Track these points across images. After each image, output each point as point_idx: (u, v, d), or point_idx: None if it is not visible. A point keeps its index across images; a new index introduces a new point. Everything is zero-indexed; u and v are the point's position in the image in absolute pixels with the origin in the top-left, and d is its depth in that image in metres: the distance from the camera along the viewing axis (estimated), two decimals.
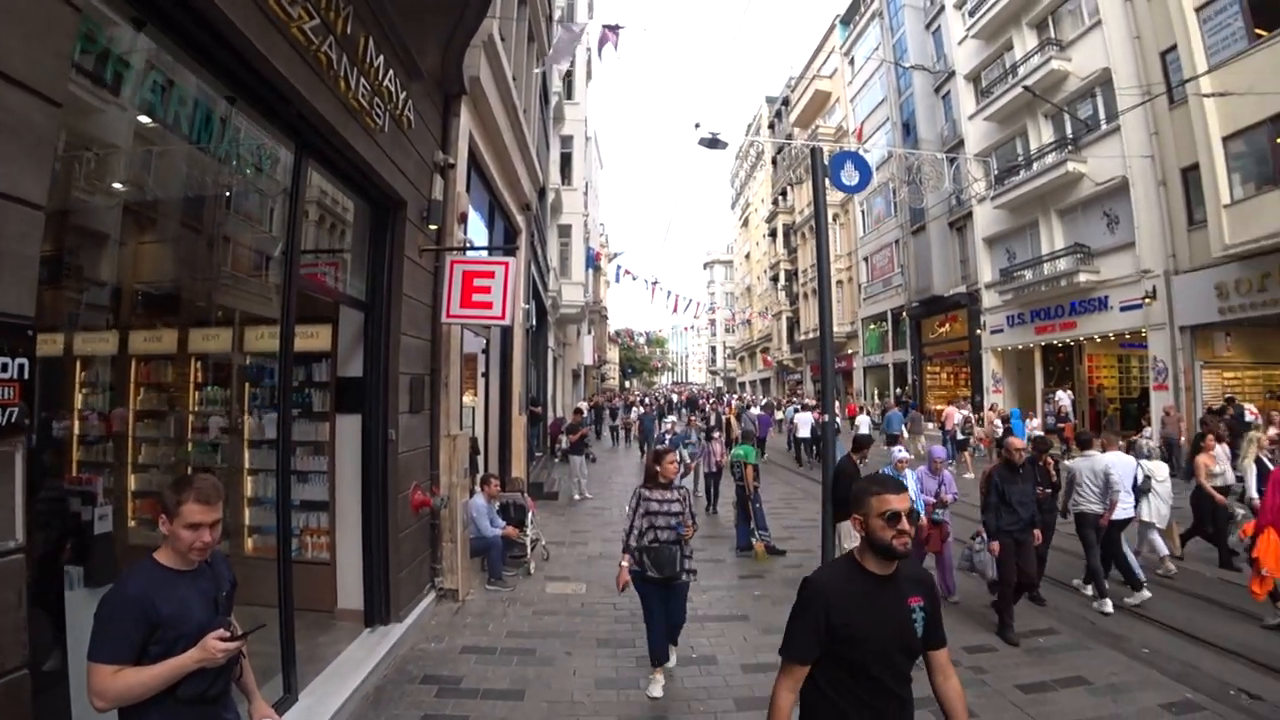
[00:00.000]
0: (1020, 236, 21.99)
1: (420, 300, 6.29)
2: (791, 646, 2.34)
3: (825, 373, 7.59)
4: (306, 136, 4.52)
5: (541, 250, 17.11)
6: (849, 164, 7.78)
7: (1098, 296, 18.57)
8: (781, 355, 47.55)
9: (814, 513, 10.76)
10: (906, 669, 2.34)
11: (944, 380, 29.12)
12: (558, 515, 11.68)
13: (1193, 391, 16.04)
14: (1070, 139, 19.26)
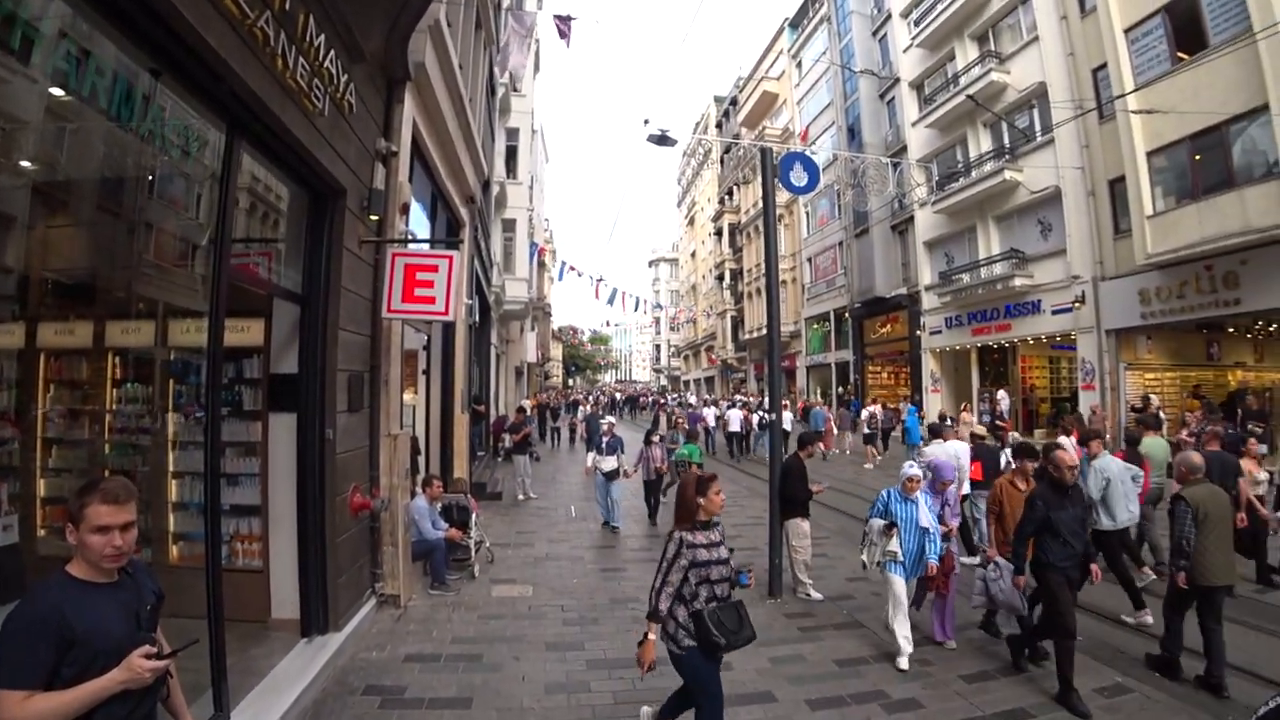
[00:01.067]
0: (959, 241, 22.74)
1: (359, 294, 6.09)
2: None
3: (772, 371, 7.67)
4: (239, 116, 4.28)
5: (485, 244, 16.86)
6: (798, 165, 7.89)
7: (1031, 300, 19.36)
8: (726, 354, 48.11)
9: (760, 510, 10.87)
10: None
11: (885, 379, 29.92)
12: (502, 516, 11.57)
13: (1117, 391, 16.90)
14: (1008, 148, 20.04)
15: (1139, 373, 17.40)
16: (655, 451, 11.05)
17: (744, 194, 42.65)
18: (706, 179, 57.81)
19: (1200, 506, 5.17)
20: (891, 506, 5.82)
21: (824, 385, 34.11)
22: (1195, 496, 5.22)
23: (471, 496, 8.91)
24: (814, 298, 34.13)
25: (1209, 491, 5.29)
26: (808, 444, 7.81)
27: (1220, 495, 5.33)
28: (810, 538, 7.46)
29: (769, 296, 7.54)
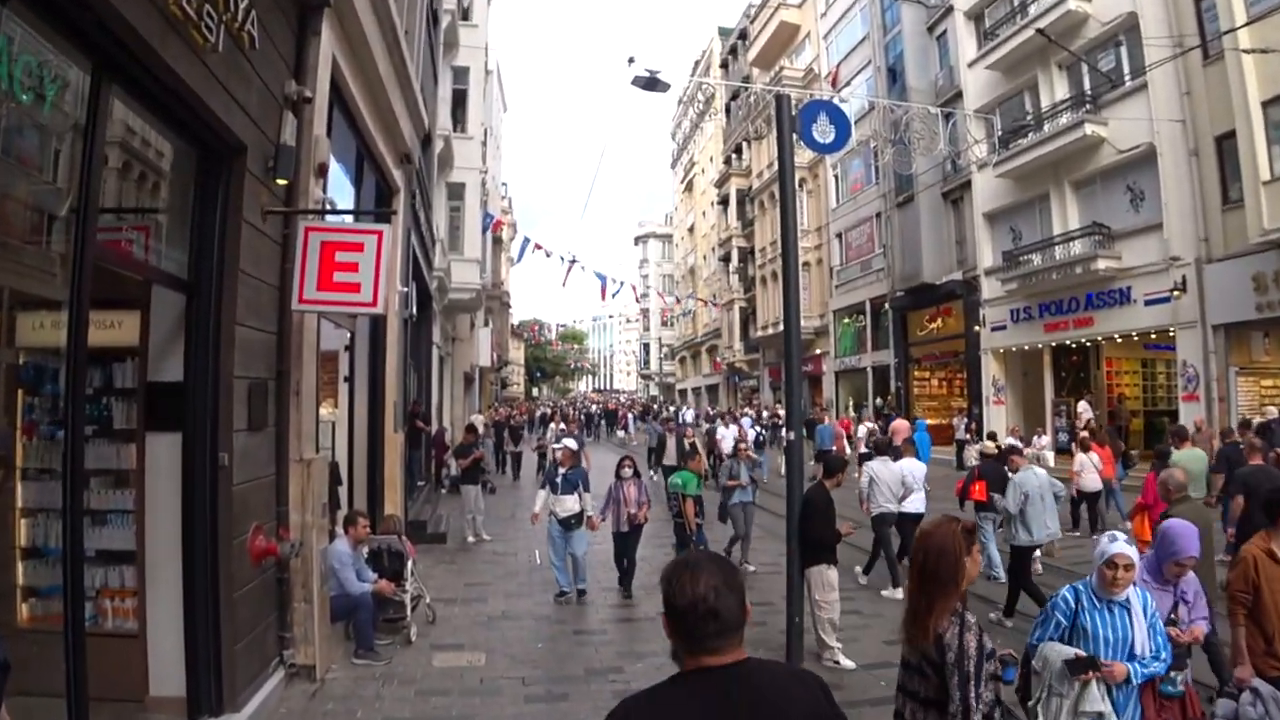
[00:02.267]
0: (1028, 212, 22.97)
1: (263, 280, 6.09)
2: None
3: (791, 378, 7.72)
4: (109, 53, 4.27)
5: (426, 216, 16.86)
6: (823, 116, 7.93)
7: (1119, 287, 19.62)
8: (733, 355, 48.32)
9: (774, 555, 10.91)
10: None
11: (934, 388, 30.18)
12: (446, 563, 11.59)
13: (1227, 402, 17.16)
14: (1089, 96, 20.30)
15: (1254, 379, 17.68)
16: (629, 490, 9.86)
17: (756, 152, 42.88)
18: (708, 133, 58.05)
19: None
20: (1084, 619, 3.98)
21: (857, 395, 34.33)
22: (1179, 517, 5.46)
23: (407, 539, 8.91)
24: (845, 284, 34.35)
25: (1193, 511, 5.96)
26: (834, 471, 7.85)
27: (1206, 515, 6.19)
28: (839, 590, 7.52)
29: (786, 282, 7.59)
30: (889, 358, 30.76)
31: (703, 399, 60.06)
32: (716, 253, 53.09)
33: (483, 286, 27.60)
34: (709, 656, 1.96)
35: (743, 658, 2.00)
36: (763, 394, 43.18)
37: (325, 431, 9.42)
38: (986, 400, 24.49)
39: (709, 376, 59.22)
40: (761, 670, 2.02)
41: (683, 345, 68.75)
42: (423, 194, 16.00)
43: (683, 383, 69.95)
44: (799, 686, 2.07)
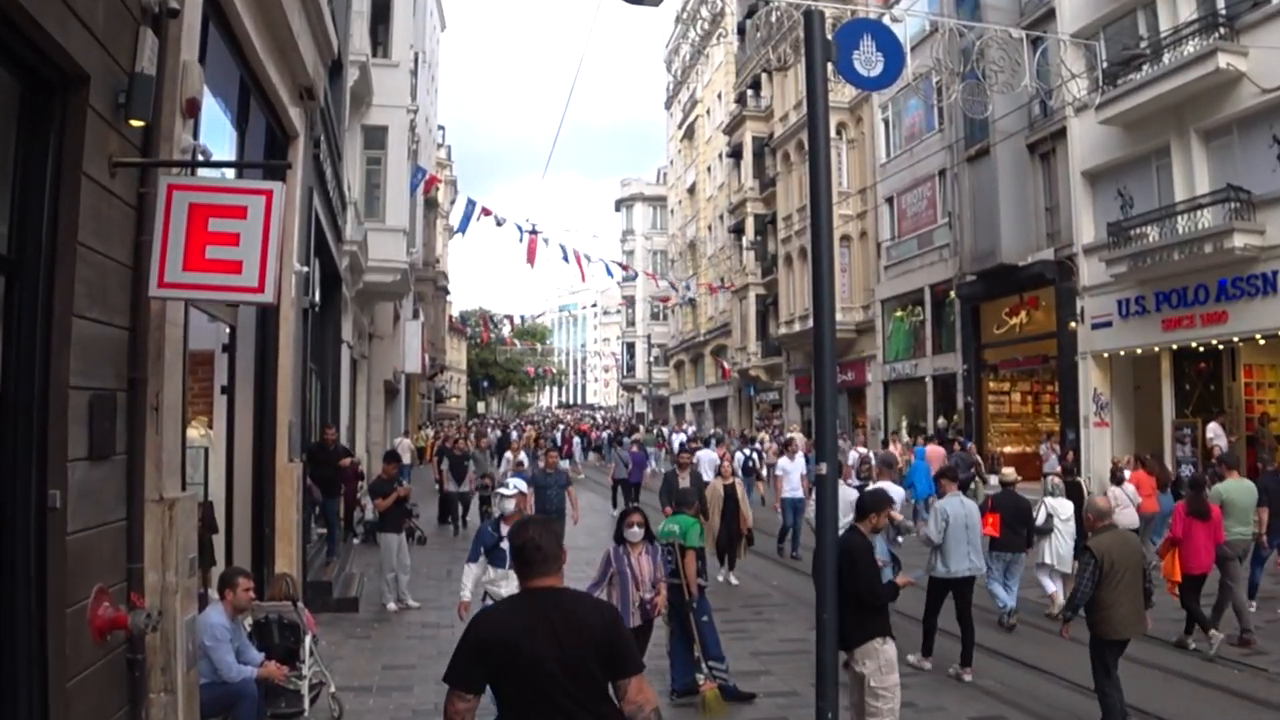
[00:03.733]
0: (1142, 171, 23.09)
1: (111, 256, 6.02)
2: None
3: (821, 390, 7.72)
4: None
5: (335, 171, 16.80)
6: (868, 40, 7.96)
7: (1262, 272, 19.74)
8: (747, 360, 48.47)
9: (801, 630, 10.91)
10: None
11: (1016, 404, 30.29)
12: (359, 639, 11.54)
13: None
14: (1222, 18, 20.40)
15: None
16: (640, 563, 8.93)
17: (780, 87, 43.04)
18: (716, 63, 58.22)
19: (1106, 556, 7.83)
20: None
21: (912, 414, 34.43)
22: (1100, 546, 7.92)
23: (304, 607, 8.85)
24: (897, 265, 34.49)
25: (1117, 540, 8.09)
26: (872, 510, 7.80)
27: (1131, 542, 8.30)
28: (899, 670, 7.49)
29: (817, 260, 7.59)
30: (955, 364, 30.93)
31: (706, 417, 60.16)
32: (726, 222, 53.24)
33: (411, 265, 27.51)
34: (536, 580, 4.11)
35: (560, 585, 4.17)
36: (787, 411, 43.29)
37: (195, 460, 9.35)
38: (1086, 421, 24.61)
39: (715, 388, 59.36)
40: (571, 593, 4.26)
41: (679, 346, 68.90)
42: (330, 141, 15.92)
43: (679, 395, 70.11)
44: (597, 613, 4.22)
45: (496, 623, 4.33)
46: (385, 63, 23.46)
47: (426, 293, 46.20)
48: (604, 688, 4.16)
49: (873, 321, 36.20)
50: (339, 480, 16.64)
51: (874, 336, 36.13)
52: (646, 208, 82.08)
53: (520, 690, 4.11)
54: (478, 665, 4.20)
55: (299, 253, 11.76)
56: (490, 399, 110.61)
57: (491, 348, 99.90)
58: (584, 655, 4.04)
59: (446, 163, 62.15)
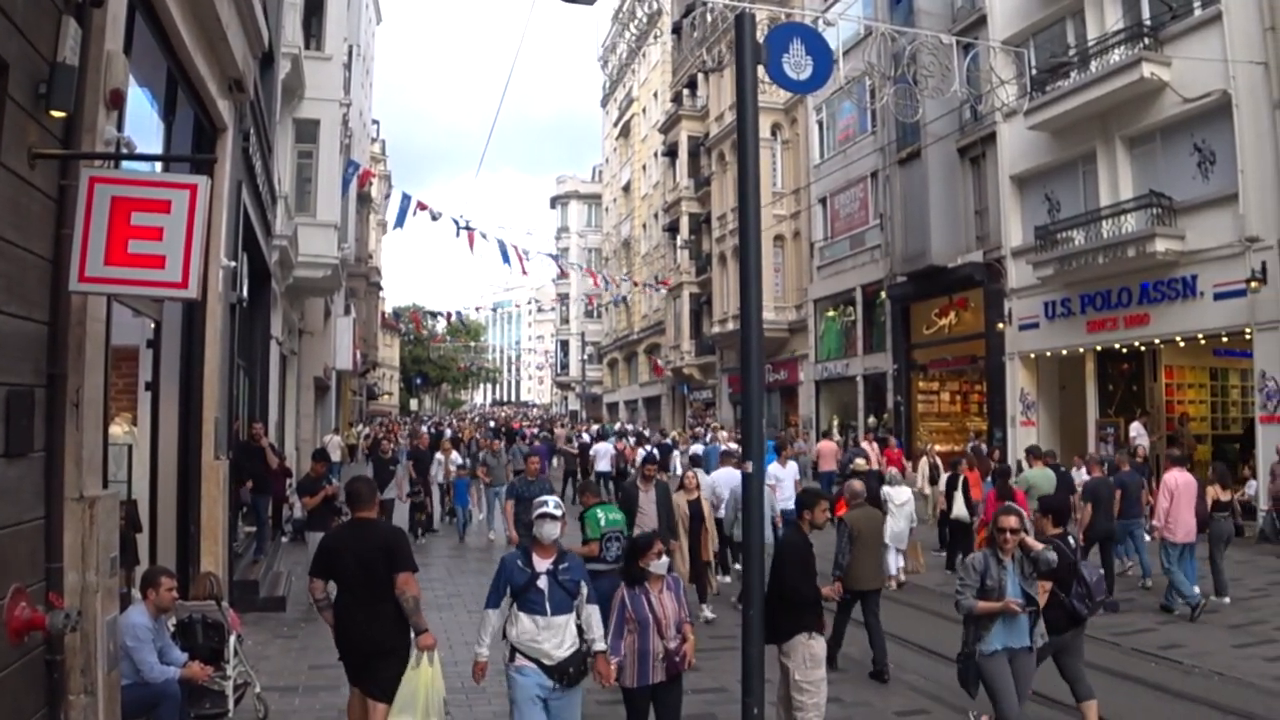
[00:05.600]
0: (1068, 176, 23.59)
1: (29, 249, 5.91)
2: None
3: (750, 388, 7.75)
4: None
5: (265, 165, 16.56)
6: (797, 44, 8.01)
7: (1182, 276, 20.23)
8: (681, 358, 48.61)
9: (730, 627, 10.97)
10: None
11: (945, 404, 30.71)
12: (285, 639, 11.40)
13: None
14: (1147, 28, 20.87)
15: None
16: (663, 602, 7.10)
17: (715, 88, 43.23)
18: (653, 61, 58.32)
19: (855, 526, 10.14)
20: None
21: (843, 413, 34.76)
22: (852, 519, 10.32)
23: (229, 606, 8.78)
24: (830, 265, 34.82)
25: (864, 514, 10.57)
26: (812, 505, 7.86)
27: (874, 516, 10.85)
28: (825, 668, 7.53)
29: (745, 259, 7.62)
30: (886, 363, 31.32)
31: (639, 415, 60.26)
32: (660, 220, 53.35)
33: (342, 261, 27.22)
34: (359, 513, 7.17)
35: (374, 517, 7.30)
36: (720, 410, 43.51)
37: (118, 458, 9.21)
38: (1012, 420, 25.06)
39: (648, 386, 59.48)
40: (374, 521, 7.28)
41: (613, 344, 68.95)
42: (260, 134, 15.71)
43: (613, 393, 70.17)
44: (386, 534, 7.23)
45: (335, 539, 7.51)
46: (318, 56, 23.21)
47: (359, 289, 45.73)
48: (389, 578, 6.76)
49: (805, 321, 36.49)
50: (268, 478, 16.43)
51: (806, 336, 36.43)
52: (582, 205, 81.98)
53: (344, 577, 6.98)
54: (324, 563, 7.14)
55: (226, 247, 11.66)
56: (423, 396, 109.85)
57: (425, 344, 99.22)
58: (375, 558, 6.81)
59: (381, 157, 61.58)
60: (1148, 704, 9.37)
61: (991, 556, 7.24)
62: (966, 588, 7.23)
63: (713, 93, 43.75)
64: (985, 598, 7.13)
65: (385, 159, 63.43)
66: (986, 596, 7.14)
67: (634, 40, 61.70)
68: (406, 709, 6.60)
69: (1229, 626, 12.12)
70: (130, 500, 9.31)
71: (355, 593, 6.88)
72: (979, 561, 7.27)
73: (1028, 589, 7.24)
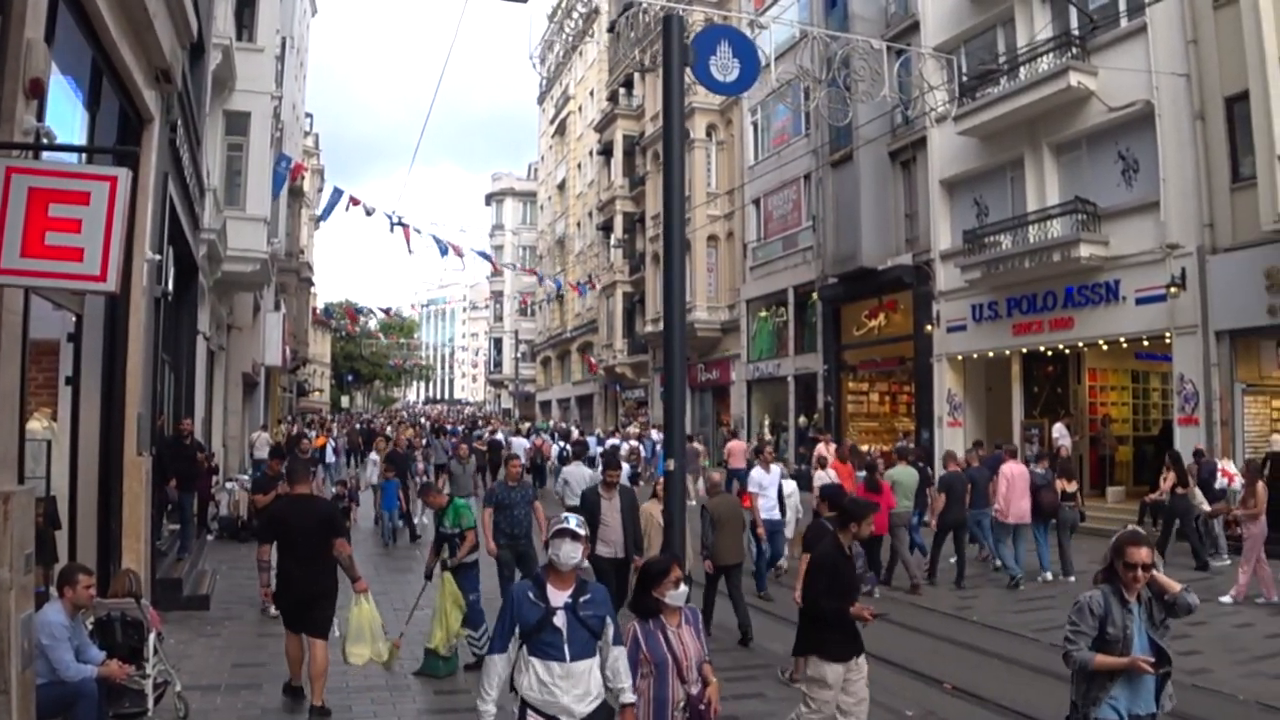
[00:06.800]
0: (996, 181, 24.03)
1: None
2: None
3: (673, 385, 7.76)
4: None
5: (193, 157, 16.31)
6: (725, 47, 8.04)
7: (1105, 280, 20.70)
8: (614, 357, 48.66)
9: None
10: None
11: (874, 404, 31.07)
12: (209, 637, 11.32)
13: (1230, 426, 18.36)
14: (1076, 37, 21.30)
15: (1264, 399, 18.96)
16: (683, 640, 6.01)
17: (651, 88, 43.32)
18: (589, 59, 58.27)
19: (715, 512, 11.52)
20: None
21: (775, 413, 35.02)
22: (712, 505, 11.72)
23: (149, 604, 8.72)
24: (763, 266, 35.04)
25: (724, 501, 12.21)
26: (860, 517, 7.22)
27: (732, 502, 12.58)
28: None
29: (668, 255, 7.64)
30: (816, 364, 31.55)
31: (572, 413, 60.23)
32: (595, 219, 53.33)
33: (272, 256, 26.88)
34: (297, 488, 9.34)
35: (310, 492, 9.54)
36: (653, 408, 43.59)
37: (37, 454, 9.06)
38: (939, 421, 25.43)
39: (581, 384, 59.47)
40: (310, 495, 9.41)
41: (547, 342, 68.84)
42: (189, 126, 15.45)
43: (546, 392, 70.06)
44: (322, 506, 9.56)
45: (281, 509, 9.33)
46: (250, 47, 22.90)
47: (289, 284, 45.11)
48: (325, 543, 8.58)
49: (738, 321, 36.64)
50: (194, 474, 16.22)
51: (739, 336, 36.58)
52: (517, 203, 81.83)
53: (288, 542, 8.54)
54: (270, 529, 8.91)
55: (151, 240, 11.52)
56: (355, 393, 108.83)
57: (357, 341, 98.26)
58: (314, 527, 8.55)
59: (314, 151, 60.89)
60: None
61: (1113, 597, 5.57)
62: (1080, 636, 5.53)
63: (648, 92, 43.84)
64: (1105, 649, 5.49)
65: (318, 153, 62.75)
66: (1107, 648, 5.50)
67: (571, 38, 61.58)
68: (359, 638, 8.70)
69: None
70: (49, 496, 9.18)
71: (296, 554, 8.51)
72: (1098, 603, 5.56)
73: (1158, 640, 5.60)
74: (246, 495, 19.01)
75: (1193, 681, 9.83)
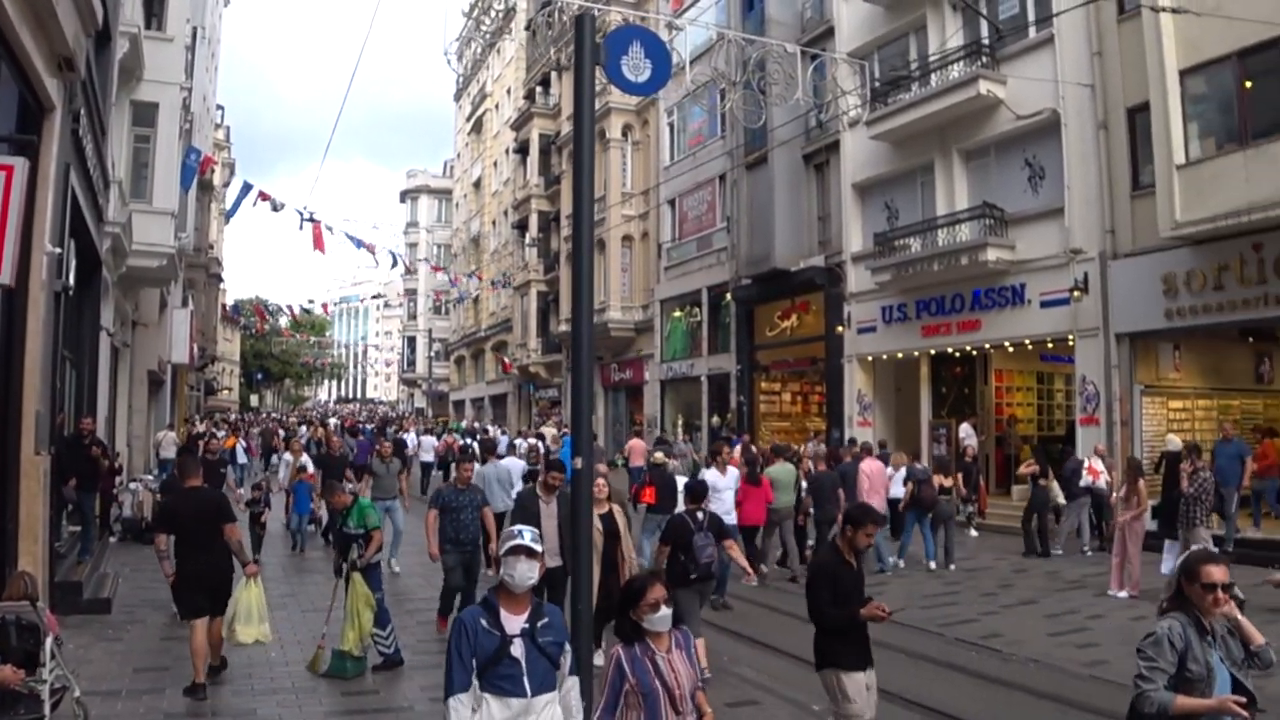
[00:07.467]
0: (907, 186, 24.45)
1: None
2: None
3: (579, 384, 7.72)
4: None
5: (97, 148, 15.86)
6: (637, 47, 8.01)
7: (1012, 284, 21.16)
8: (528, 356, 48.43)
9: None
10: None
11: (786, 404, 31.35)
12: (109, 641, 11.10)
13: (1130, 427, 18.90)
14: (986, 46, 21.78)
15: (1161, 400, 19.59)
16: (675, 663, 5.18)
17: (568, 86, 43.12)
18: (507, 57, 57.95)
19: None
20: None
21: (688, 412, 35.15)
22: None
23: (45, 607, 8.38)
24: (677, 266, 35.19)
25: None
26: (858, 524, 6.80)
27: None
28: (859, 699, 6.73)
29: (576, 253, 7.59)
30: (730, 364, 31.75)
31: (486, 413, 59.86)
32: (510, 218, 53.07)
33: (180, 250, 26.23)
34: (188, 482, 9.81)
35: (200, 484, 10.04)
36: (566, 408, 43.45)
37: None
38: (850, 420, 25.69)
39: (495, 383, 59.08)
40: (199, 487, 9.87)
41: (461, 341, 68.33)
42: (93, 116, 15.06)
43: (460, 391, 69.50)
44: (211, 496, 9.95)
45: (174, 501, 10.05)
46: (159, 36, 22.32)
47: (198, 280, 44.08)
48: (218, 529, 9.17)
49: (651, 321, 36.72)
50: (96, 475, 15.73)
51: (652, 336, 36.66)
52: (432, 200, 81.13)
53: (184, 531, 9.19)
54: (166, 519, 9.74)
55: (51, 233, 11.26)
56: (265, 392, 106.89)
57: (267, 339, 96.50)
58: (205, 514, 9.20)
59: (225, 144, 59.46)
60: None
61: (1192, 627, 4.75)
62: (1157, 673, 4.65)
63: (565, 91, 43.74)
64: (1185, 688, 4.65)
65: (229, 145, 61.29)
66: (1187, 687, 4.66)
67: (488, 35, 61.14)
68: (246, 618, 9.24)
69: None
70: None
71: (192, 542, 9.14)
72: (1177, 634, 4.72)
73: (1240, 677, 4.76)
74: (151, 496, 18.53)
75: (1090, 673, 10.23)
